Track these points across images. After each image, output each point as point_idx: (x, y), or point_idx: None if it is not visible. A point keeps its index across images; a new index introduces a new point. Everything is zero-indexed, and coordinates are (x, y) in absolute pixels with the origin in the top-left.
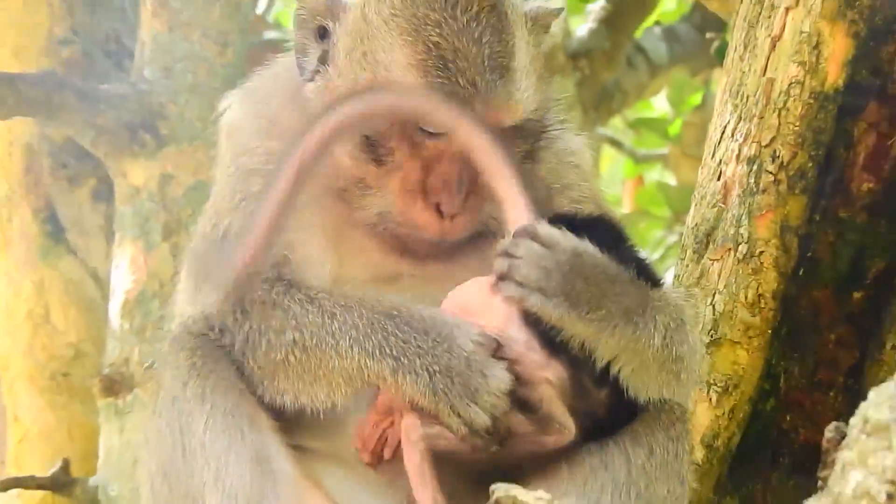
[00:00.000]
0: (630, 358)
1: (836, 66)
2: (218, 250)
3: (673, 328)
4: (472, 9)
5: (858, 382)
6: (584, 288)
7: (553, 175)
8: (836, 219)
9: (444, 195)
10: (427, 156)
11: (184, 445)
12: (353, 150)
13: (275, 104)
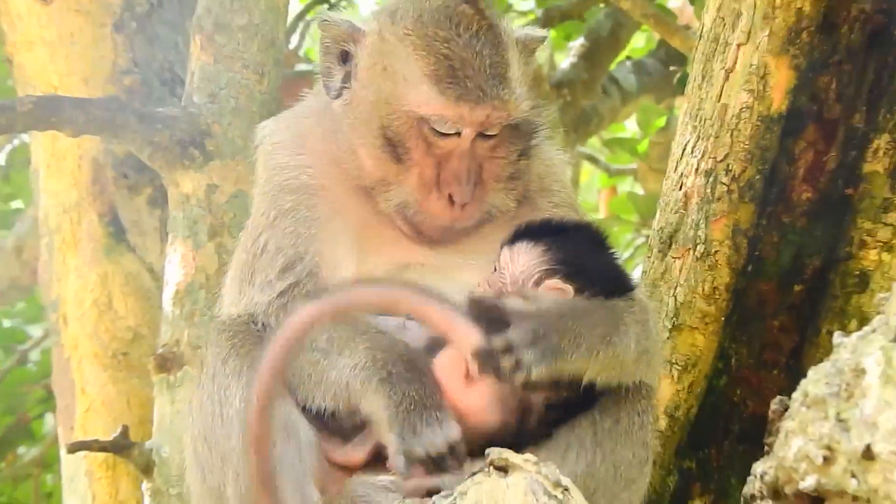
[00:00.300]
0: (610, 370)
1: (780, 94)
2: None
3: (641, 329)
4: (473, 28)
5: (798, 362)
6: (559, 339)
7: (539, 180)
8: (780, 223)
9: (455, 187)
10: (439, 153)
11: (222, 414)
12: (374, 152)
13: (304, 127)
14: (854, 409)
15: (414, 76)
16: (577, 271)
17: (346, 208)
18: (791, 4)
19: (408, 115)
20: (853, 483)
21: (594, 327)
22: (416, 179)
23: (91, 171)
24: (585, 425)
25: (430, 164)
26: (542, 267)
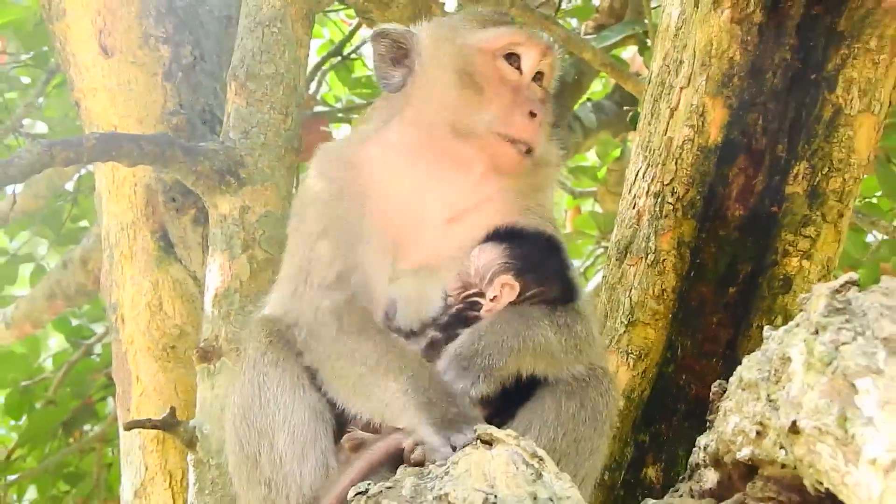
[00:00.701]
0: (542, 361)
1: (716, 129)
2: (312, 272)
3: (563, 326)
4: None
5: (734, 352)
6: (482, 359)
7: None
8: (717, 236)
9: (532, 102)
10: (511, 85)
11: (261, 396)
12: (457, 92)
13: (358, 140)
14: (782, 391)
15: (481, 27)
16: (527, 272)
17: (389, 216)
18: (724, 54)
19: (484, 50)
20: (782, 453)
21: (506, 330)
22: (501, 103)
23: (145, 196)
24: (550, 408)
25: (506, 92)
26: (499, 262)
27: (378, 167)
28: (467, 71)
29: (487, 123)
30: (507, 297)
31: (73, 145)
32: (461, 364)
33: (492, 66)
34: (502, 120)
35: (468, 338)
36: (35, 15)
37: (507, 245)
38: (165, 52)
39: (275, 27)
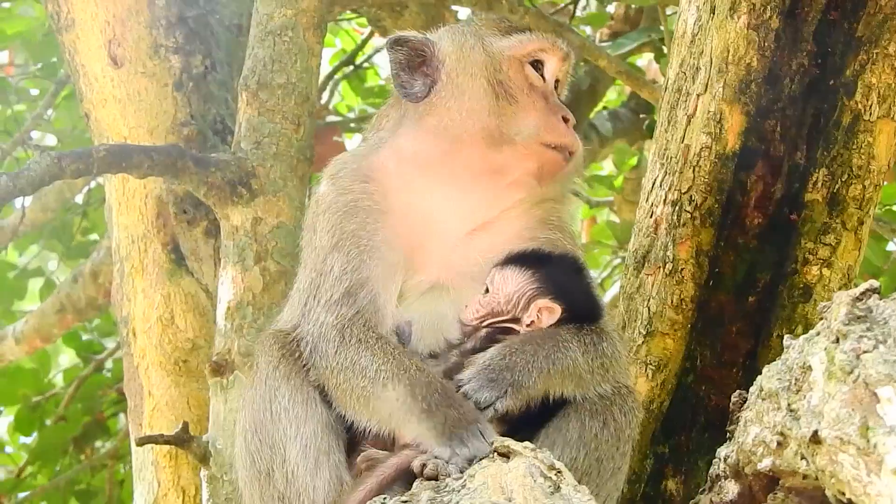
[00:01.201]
0: (568, 382)
1: (734, 136)
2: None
3: (589, 346)
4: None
5: (754, 362)
6: (511, 374)
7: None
8: (736, 244)
9: (561, 108)
10: (539, 91)
11: (272, 410)
12: (489, 103)
13: (374, 152)
14: (802, 401)
15: (505, 34)
16: (563, 294)
17: (405, 229)
18: (741, 60)
19: (511, 59)
20: (803, 464)
21: (537, 351)
22: (536, 110)
23: (155, 208)
24: (574, 427)
25: (539, 99)
26: (532, 286)
27: (393, 179)
28: (498, 79)
29: (530, 132)
30: (546, 320)
31: (82, 157)
32: (489, 375)
33: (521, 74)
34: (545, 128)
35: (499, 352)
36: (43, 26)
37: (531, 267)
38: (176, 62)
39: (286, 36)
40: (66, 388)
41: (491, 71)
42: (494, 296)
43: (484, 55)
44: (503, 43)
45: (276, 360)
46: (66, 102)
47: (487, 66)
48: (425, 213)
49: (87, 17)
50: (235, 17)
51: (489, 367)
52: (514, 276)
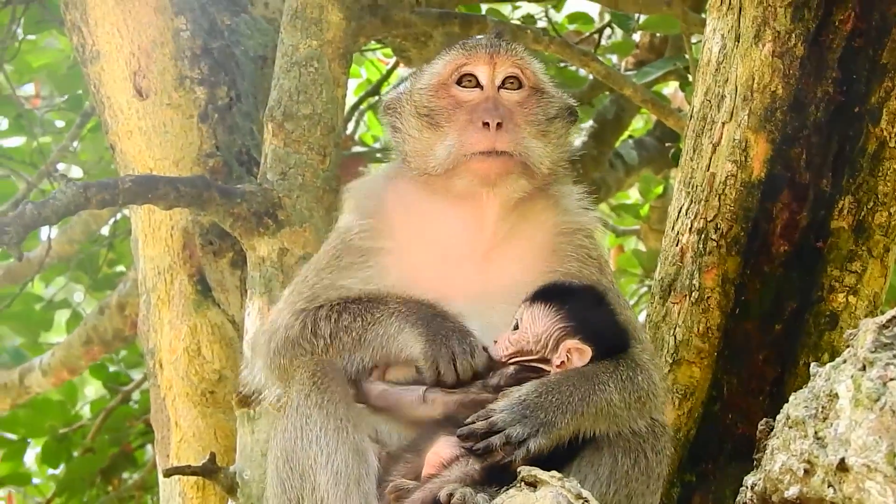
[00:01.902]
0: (603, 421)
1: (759, 164)
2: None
3: (626, 381)
4: (495, 38)
5: (781, 390)
6: (545, 414)
7: (566, 232)
8: (762, 272)
9: (483, 113)
10: (469, 106)
11: (303, 437)
12: (422, 134)
13: (377, 186)
14: (829, 429)
15: (435, 62)
16: (593, 333)
17: (417, 257)
18: (766, 88)
19: (433, 86)
20: (830, 492)
21: (573, 392)
22: (454, 127)
23: (182, 239)
24: (607, 462)
25: (464, 114)
26: (561, 325)
27: (400, 208)
28: (423, 112)
29: (450, 152)
30: (577, 361)
31: (108, 187)
32: (523, 412)
33: (447, 97)
34: (459, 143)
35: (534, 388)
36: (69, 58)
37: (558, 304)
38: (201, 93)
39: (311, 67)
40: (93, 419)
41: (418, 106)
42: (524, 334)
43: (413, 93)
44: (426, 74)
45: (307, 388)
46: (92, 134)
47: (417, 103)
48: (425, 243)
49: (113, 49)
50: (260, 49)
51: (523, 403)
52: (541, 316)
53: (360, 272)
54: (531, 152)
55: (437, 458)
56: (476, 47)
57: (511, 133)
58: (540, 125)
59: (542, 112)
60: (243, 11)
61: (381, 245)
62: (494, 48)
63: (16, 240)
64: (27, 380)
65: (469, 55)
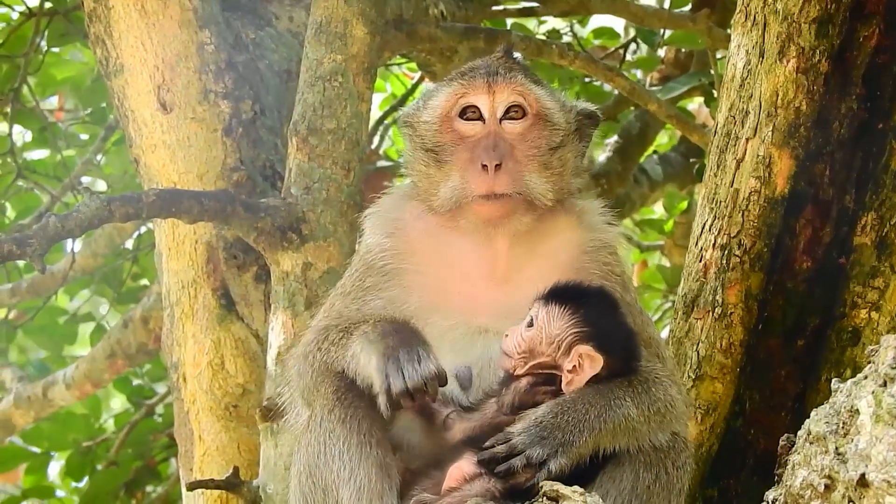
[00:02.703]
0: (623, 438)
1: (783, 180)
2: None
3: (642, 395)
4: (502, 58)
5: (803, 406)
6: (562, 434)
7: (589, 249)
8: (785, 288)
9: (483, 153)
10: (472, 141)
11: (326, 452)
12: (426, 170)
13: (396, 206)
14: (850, 444)
15: (441, 87)
16: (607, 341)
17: (417, 284)
18: (790, 104)
19: (436, 120)
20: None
21: (588, 410)
22: (457, 166)
23: (205, 253)
24: (628, 478)
25: (466, 150)
26: (575, 330)
27: (418, 229)
28: (429, 148)
29: (452, 195)
30: (587, 369)
31: (132, 201)
32: (541, 433)
33: (450, 131)
34: (461, 187)
35: (550, 409)
36: (93, 71)
37: (575, 307)
38: (225, 107)
39: (336, 81)
40: (116, 433)
41: (422, 140)
42: (538, 332)
43: (417, 127)
44: (428, 108)
45: (331, 403)
46: (116, 148)
47: (421, 137)
48: (445, 262)
49: (137, 63)
50: (284, 63)
51: (541, 425)
52: (557, 317)
53: (385, 292)
54: (533, 188)
55: (460, 473)
56: (475, 77)
57: (511, 173)
58: (543, 156)
59: (545, 142)
60: (268, 25)
61: (403, 266)
62: (493, 77)
63: (39, 252)
64: (51, 393)
65: (468, 86)
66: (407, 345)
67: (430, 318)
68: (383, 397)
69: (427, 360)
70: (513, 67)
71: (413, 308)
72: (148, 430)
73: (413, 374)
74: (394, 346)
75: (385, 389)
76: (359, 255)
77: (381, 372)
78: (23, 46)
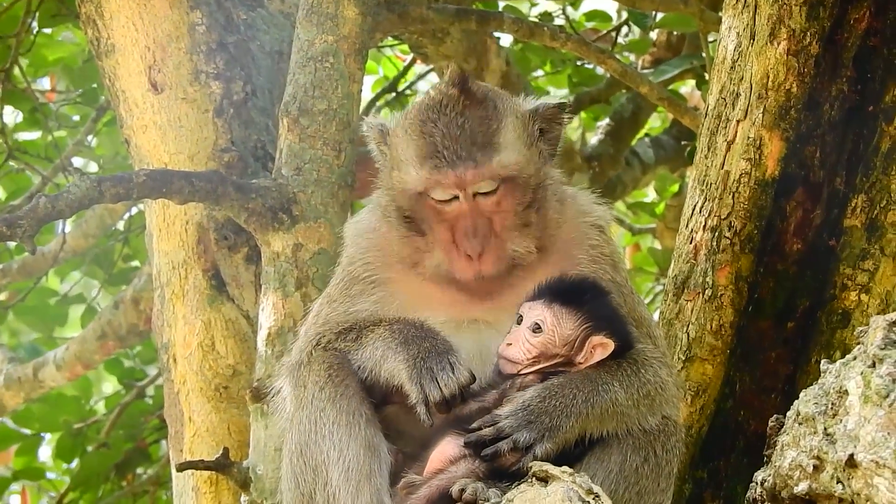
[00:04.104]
0: (611, 422)
1: (773, 162)
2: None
3: (632, 378)
4: (459, 106)
5: (793, 388)
6: (549, 419)
7: (576, 234)
8: (775, 270)
9: (466, 243)
10: (449, 218)
11: (317, 431)
12: (402, 231)
13: (374, 218)
14: (839, 425)
15: (409, 158)
16: (614, 327)
17: (403, 288)
18: (781, 87)
19: (412, 194)
20: (839, 488)
21: (576, 395)
22: (439, 245)
23: (196, 234)
24: (616, 460)
25: (445, 229)
26: (587, 325)
27: (395, 240)
28: (405, 214)
29: (438, 271)
30: (598, 356)
31: (122, 181)
32: (528, 417)
33: (426, 205)
34: (446, 267)
35: (538, 393)
36: (84, 52)
37: (578, 303)
38: (217, 88)
39: (327, 62)
40: (107, 414)
41: (399, 208)
42: (550, 336)
43: (394, 190)
44: (403, 175)
45: (322, 380)
46: (108, 129)
47: (398, 204)
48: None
49: (128, 43)
50: (276, 44)
51: (528, 409)
52: (566, 317)
53: (371, 296)
54: (517, 252)
55: (444, 455)
56: (444, 172)
57: (494, 252)
58: (521, 217)
59: (519, 203)
60: (259, 6)
61: (386, 275)
62: (462, 171)
63: (29, 233)
64: (41, 374)
65: (439, 177)
66: (436, 353)
67: (418, 315)
68: (422, 407)
69: (458, 366)
70: (484, 138)
71: (400, 308)
72: (139, 411)
73: (450, 382)
74: (423, 356)
75: (423, 400)
76: (342, 266)
77: (415, 383)
78: (14, 27)
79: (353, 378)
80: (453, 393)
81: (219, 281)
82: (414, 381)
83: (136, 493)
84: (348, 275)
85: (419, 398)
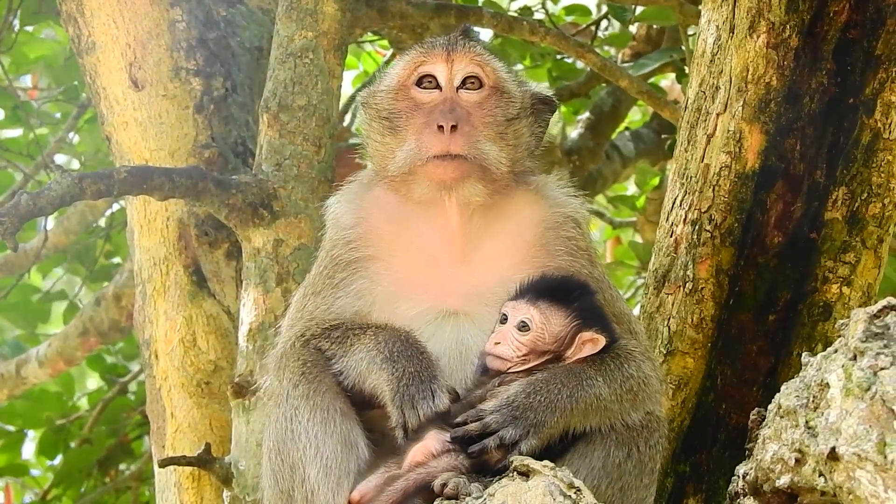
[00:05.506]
0: (594, 416)
1: (754, 155)
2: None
3: (615, 373)
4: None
5: (774, 381)
6: (534, 414)
7: (552, 224)
8: (756, 263)
9: (440, 115)
10: (428, 108)
11: (293, 429)
12: (384, 139)
13: (357, 195)
14: (820, 418)
15: (398, 61)
16: (601, 322)
17: (383, 272)
18: (761, 79)
19: (393, 89)
20: (821, 481)
21: (560, 390)
22: (413, 131)
23: (177, 230)
24: (599, 455)
25: (422, 117)
26: (577, 321)
27: (378, 214)
28: (384, 116)
29: (407, 157)
30: (588, 351)
31: (103, 178)
32: (513, 413)
33: (406, 99)
34: (416, 148)
35: (523, 388)
36: (66, 49)
37: (566, 300)
38: (197, 84)
39: (307, 58)
40: (90, 410)
41: (378, 111)
42: (539, 334)
43: (375, 97)
44: (385, 78)
45: (296, 377)
46: (89, 126)
47: (377, 108)
48: (409, 247)
49: (108, 40)
50: (256, 40)
51: (513, 405)
52: (555, 314)
53: (353, 285)
54: (487, 155)
55: (426, 449)
56: (434, 46)
57: (466, 136)
58: (499, 126)
59: (501, 113)
60: (239, 2)
61: (367, 253)
62: (452, 47)
63: (11, 230)
64: (24, 371)
65: (427, 54)
66: (419, 380)
67: (397, 307)
68: (400, 431)
69: (440, 394)
70: (472, 41)
71: (380, 297)
72: (121, 407)
73: (428, 410)
74: (407, 381)
75: (401, 425)
76: (324, 249)
77: (396, 407)
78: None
79: (327, 374)
80: (431, 419)
81: (200, 277)
82: (396, 405)
83: (119, 489)
84: (330, 259)
85: (398, 422)
